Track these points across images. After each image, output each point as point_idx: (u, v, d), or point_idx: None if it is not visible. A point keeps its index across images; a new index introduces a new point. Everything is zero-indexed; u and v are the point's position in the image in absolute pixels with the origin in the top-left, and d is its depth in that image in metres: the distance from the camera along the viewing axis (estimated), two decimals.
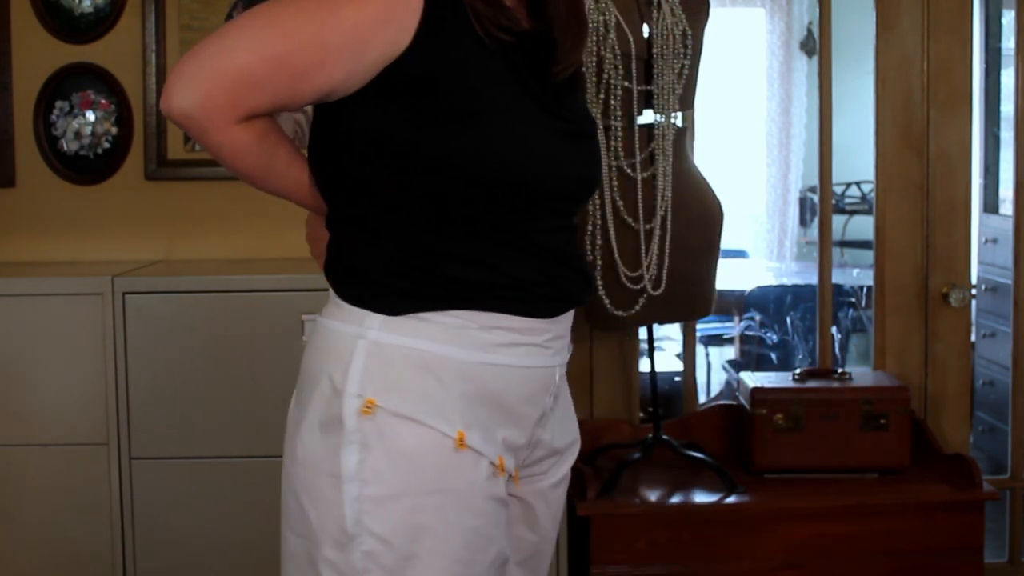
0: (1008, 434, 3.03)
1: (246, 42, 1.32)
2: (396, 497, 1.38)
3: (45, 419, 2.48)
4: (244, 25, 1.33)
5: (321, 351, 1.45)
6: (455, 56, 1.38)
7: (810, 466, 2.66)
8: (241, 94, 1.31)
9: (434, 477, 1.39)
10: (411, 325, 1.40)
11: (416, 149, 1.37)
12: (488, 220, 1.40)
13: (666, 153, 2.46)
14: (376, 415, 1.38)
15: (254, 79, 1.31)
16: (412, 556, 1.39)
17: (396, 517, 1.38)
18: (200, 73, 1.31)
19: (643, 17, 2.47)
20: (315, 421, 1.42)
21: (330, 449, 1.39)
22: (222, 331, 2.47)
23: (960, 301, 2.90)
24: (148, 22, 2.84)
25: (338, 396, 1.40)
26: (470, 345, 1.41)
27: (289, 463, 1.45)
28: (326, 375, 1.42)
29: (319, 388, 1.42)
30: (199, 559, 2.50)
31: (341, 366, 1.40)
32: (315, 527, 1.40)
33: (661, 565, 2.49)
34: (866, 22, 2.92)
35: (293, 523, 1.44)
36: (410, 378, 1.39)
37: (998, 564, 2.99)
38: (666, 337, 4.88)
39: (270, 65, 1.31)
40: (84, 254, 2.88)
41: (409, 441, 1.38)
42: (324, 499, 1.40)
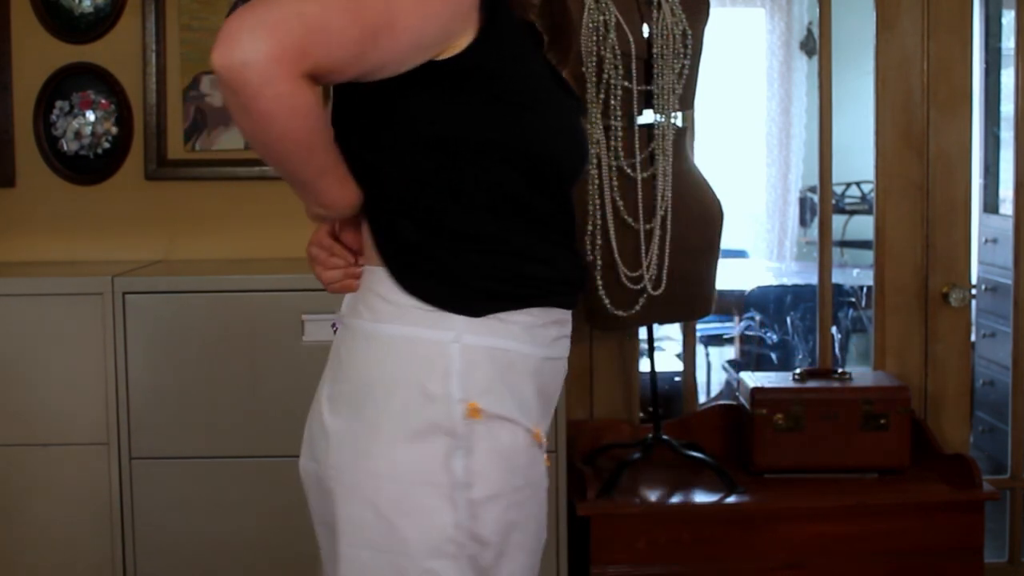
0: (1008, 434, 3.03)
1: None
2: (496, 497, 1.40)
3: (45, 419, 2.48)
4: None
5: (399, 358, 1.40)
6: (510, 45, 1.41)
7: (810, 466, 2.66)
8: (313, 43, 1.22)
9: (523, 473, 1.43)
10: (493, 326, 1.41)
11: (488, 143, 1.38)
12: (542, 213, 1.44)
13: (666, 153, 2.46)
14: (481, 418, 1.39)
15: (327, 29, 1.23)
16: (502, 553, 1.41)
17: (495, 517, 1.40)
18: (270, 19, 1.20)
19: (643, 17, 2.47)
20: (401, 432, 1.38)
21: (430, 458, 1.37)
22: (222, 331, 2.47)
23: (960, 301, 2.90)
24: (148, 22, 2.84)
25: (437, 403, 1.38)
26: (539, 342, 1.45)
27: (362, 478, 1.39)
28: (413, 383, 1.38)
29: (401, 397, 1.38)
30: (199, 559, 2.50)
31: (436, 372, 1.38)
32: (410, 540, 1.38)
33: (661, 565, 2.49)
34: (866, 22, 2.92)
35: (371, 539, 1.39)
36: (499, 378, 1.41)
37: (998, 564, 2.99)
38: (666, 337, 4.88)
39: (343, 17, 1.24)
40: (84, 254, 2.88)
41: (505, 440, 1.41)
42: (423, 510, 1.38)
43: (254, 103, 1.22)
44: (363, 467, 1.39)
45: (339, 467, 1.40)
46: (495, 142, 1.38)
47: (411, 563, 1.38)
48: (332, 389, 1.45)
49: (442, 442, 1.37)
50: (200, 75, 2.86)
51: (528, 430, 1.43)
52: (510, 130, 1.39)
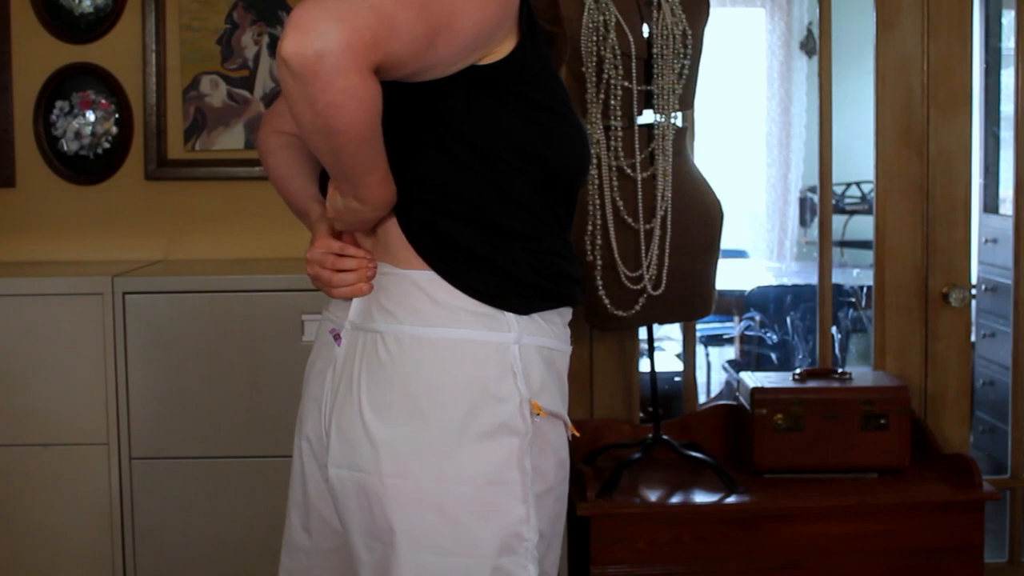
0: (1008, 434, 3.03)
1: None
2: (550, 491, 1.47)
3: (45, 419, 2.48)
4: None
5: (462, 361, 1.40)
6: (541, 53, 1.45)
7: (810, 466, 2.65)
8: (384, 36, 1.22)
9: (566, 466, 1.50)
10: (537, 325, 1.45)
11: (525, 146, 1.41)
12: (561, 216, 1.49)
13: (666, 153, 2.46)
14: (543, 416, 1.43)
15: (397, 22, 1.23)
16: (550, 544, 1.49)
17: (549, 509, 1.46)
18: (344, 9, 1.20)
19: (643, 17, 2.47)
20: (469, 434, 1.39)
21: (502, 457, 1.40)
22: (222, 331, 2.47)
23: (960, 301, 2.90)
24: (148, 22, 2.84)
25: (506, 403, 1.40)
26: (564, 339, 1.51)
27: (426, 482, 1.38)
28: (479, 385, 1.40)
29: (468, 399, 1.39)
30: (199, 559, 2.50)
31: (503, 373, 1.40)
32: (482, 540, 1.39)
33: (661, 565, 2.49)
34: (866, 22, 2.92)
35: (437, 543, 1.39)
36: (547, 376, 1.45)
37: (998, 564, 2.99)
38: (666, 337, 4.88)
39: (411, 12, 1.25)
40: (84, 254, 2.88)
41: (554, 435, 1.46)
42: (495, 509, 1.39)
43: (324, 94, 1.21)
44: (427, 472, 1.38)
45: (396, 474, 1.39)
46: (531, 145, 1.41)
47: (482, 563, 1.39)
48: (377, 397, 1.42)
49: (513, 441, 1.40)
50: (200, 75, 2.86)
51: (566, 424, 1.50)
52: (542, 135, 1.43)
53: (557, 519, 1.50)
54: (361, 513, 1.43)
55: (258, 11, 2.84)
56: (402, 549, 1.39)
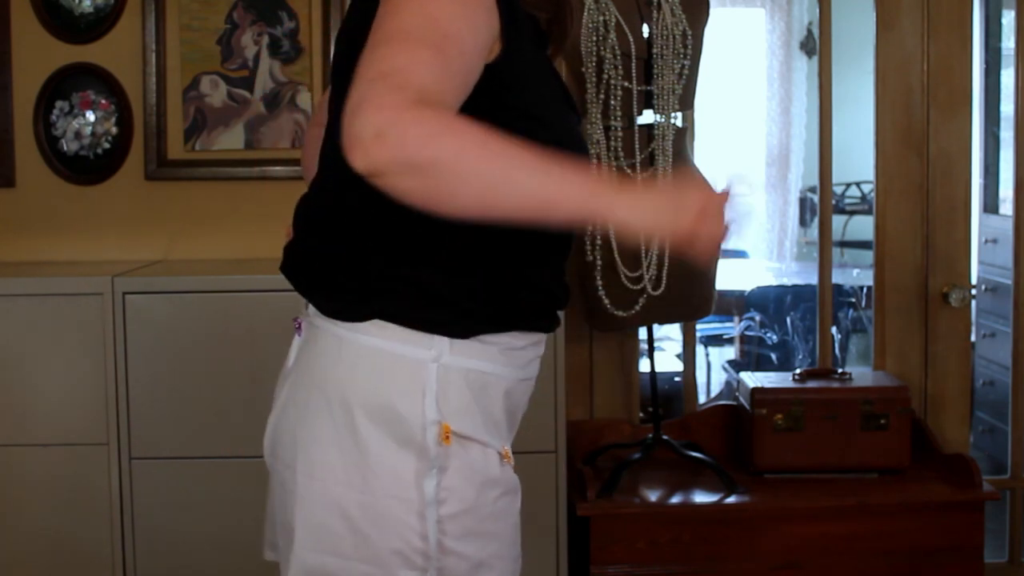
0: (1008, 434, 3.03)
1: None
2: (468, 512, 1.40)
3: (45, 419, 2.48)
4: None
5: (374, 370, 1.37)
6: (529, 51, 1.40)
7: (810, 466, 2.66)
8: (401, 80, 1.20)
9: (496, 487, 1.42)
10: (474, 347, 1.39)
11: None
12: (543, 234, 1.37)
13: (666, 153, 2.46)
14: (452, 440, 1.37)
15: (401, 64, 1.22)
16: (481, 564, 1.41)
17: (469, 530, 1.40)
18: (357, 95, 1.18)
19: (643, 17, 2.47)
20: (373, 443, 1.36)
21: (401, 473, 1.36)
22: (222, 331, 2.47)
23: (960, 301, 2.90)
24: (148, 22, 2.84)
25: (410, 421, 1.36)
26: (515, 364, 1.44)
27: (331, 484, 1.37)
28: (386, 397, 1.36)
29: (374, 409, 1.36)
30: (199, 559, 2.50)
31: (413, 392, 1.36)
32: (381, 549, 1.37)
33: (661, 565, 2.49)
34: (866, 22, 2.92)
35: (338, 546, 1.37)
36: (472, 400, 1.40)
37: (998, 564, 2.99)
38: (666, 337, 4.88)
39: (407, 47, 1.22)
40: (84, 254, 2.88)
41: (477, 459, 1.40)
42: (395, 522, 1.37)
43: (418, 157, 1.15)
44: (331, 474, 1.37)
45: (306, 472, 1.38)
46: None
47: (381, 571, 1.37)
48: (296, 392, 1.43)
49: (413, 460, 1.36)
50: (200, 75, 2.86)
51: (498, 452, 1.43)
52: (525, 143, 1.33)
53: (492, 539, 1.42)
54: (280, 506, 1.45)
55: (258, 11, 2.84)
56: (299, 546, 1.38)
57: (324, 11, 2.84)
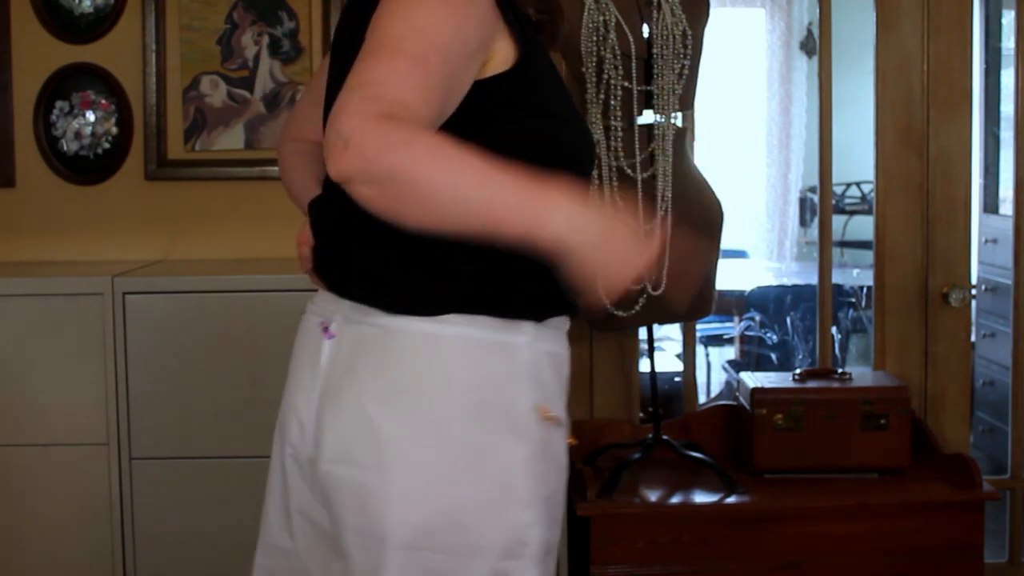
0: (1008, 434, 3.03)
1: None
2: (553, 495, 1.43)
3: (45, 419, 2.48)
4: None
5: (473, 360, 1.38)
6: (540, 52, 1.44)
7: (810, 466, 2.65)
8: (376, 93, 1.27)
9: (565, 472, 1.47)
10: (550, 331, 1.44)
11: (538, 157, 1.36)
12: None
13: (666, 153, 2.46)
14: (549, 424, 1.41)
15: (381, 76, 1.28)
16: (551, 548, 1.44)
17: (551, 514, 1.43)
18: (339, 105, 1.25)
19: (643, 17, 2.47)
20: (479, 435, 1.37)
21: (508, 461, 1.38)
22: (222, 331, 2.47)
23: (960, 301, 2.89)
24: (148, 22, 2.84)
25: (516, 408, 1.38)
26: (567, 346, 1.50)
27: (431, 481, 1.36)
28: (488, 385, 1.37)
29: (476, 400, 1.37)
30: (199, 559, 2.50)
31: (513, 377, 1.39)
32: (485, 542, 1.37)
33: (661, 565, 2.49)
34: (866, 22, 2.92)
35: (442, 543, 1.37)
36: (557, 382, 1.44)
37: (998, 564, 2.99)
38: (666, 337, 4.88)
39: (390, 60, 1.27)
40: (84, 254, 2.88)
41: (558, 440, 1.44)
42: (500, 512, 1.38)
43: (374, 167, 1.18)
44: (434, 469, 1.36)
45: (401, 471, 1.36)
46: (546, 158, 1.37)
47: (482, 564, 1.37)
48: (382, 392, 1.38)
49: (517, 447, 1.38)
50: (200, 75, 2.86)
51: (567, 431, 1.48)
52: (555, 146, 1.41)
53: (558, 523, 1.48)
54: (355, 511, 1.39)
55: (258, 11, 2.84)
56: (398, 548, 1.36)
57: (324, 11, 2.85)
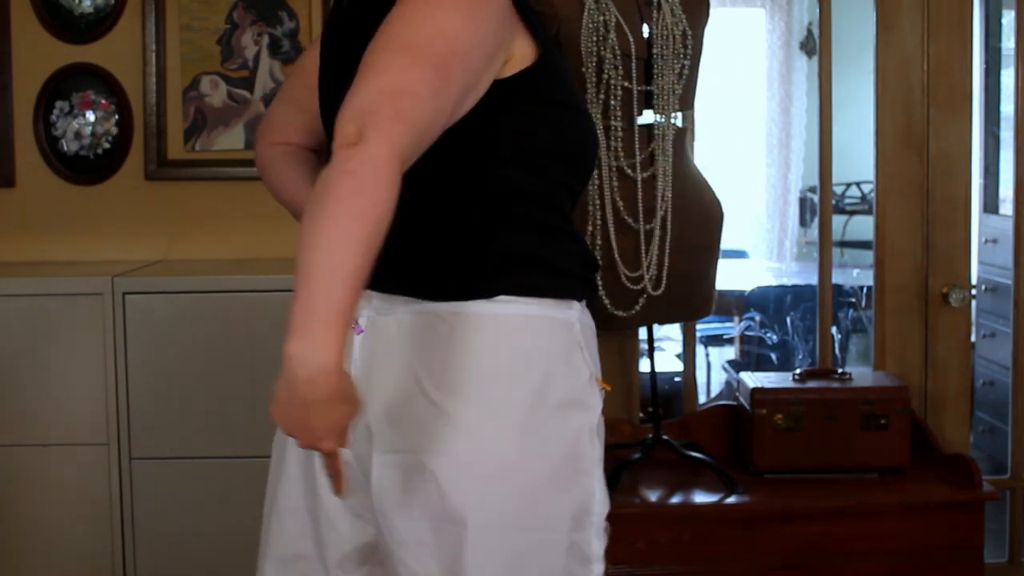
0: (1008, 434, 3.03)
1: None
2: (599, 462, 1.48)
3: (45, 419, 2.48)
4: None
5: (536, 335, 1.41)
6: (551, 45, 1.51)
7: (810, 466, 2.65)
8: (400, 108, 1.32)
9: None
10: (586, 309, 1.51)
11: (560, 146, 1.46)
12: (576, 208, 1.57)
13: (666, 153, 2.46)
14: (601, 393, 1.48)
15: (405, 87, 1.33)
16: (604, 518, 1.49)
17: (603, 482, 1.48)
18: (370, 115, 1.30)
19: (643, 17, 2.47)
20: (546, 407, 1.40)
21: (574, 430, 1.42)
22: (222, 331, 2.47)
23: (960, 301, 2.89)
24: (148, 22, 2.84)
25: (576, 375, 1.43)
26: None
27: (500, 458, 1.37)
28: (550, 356, 1.41)
29: (541, 373, 1.40)
30: (199, 559, 2.50)
31: (573, 350, 1.44)
32: (558, 515, 1.40)
33: (661, 565, 2.49)
34: (866, 22, 2.92)
35: (519, 520, 1.38)
36: (596, 353, 1.51)
37: (998, 564, 2.99)
38: (666, 337, 4.88)
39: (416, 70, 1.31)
40: (84, 254, 2.88)
41: (599, 411, 1.50)
42: (570, 483, 1.41)
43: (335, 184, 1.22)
44: (506, 446, 1.38)
45: (473, 450, 1.37)
46: (562, 146, 1.46)
47: (558, 537, 1.40)
48: (444, 375, 1.39)
49: (585, 415, 1.43)
50: (200, 75, 2.86)
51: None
52: (569, 134, 1.48)
53: (606, 494, 1.51)
54: (425, 495, 1.38)
55: (258, 11, 2.84)
56: (478, 527, 1.36)
57: (324, 11, 2.85)
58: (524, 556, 1.39)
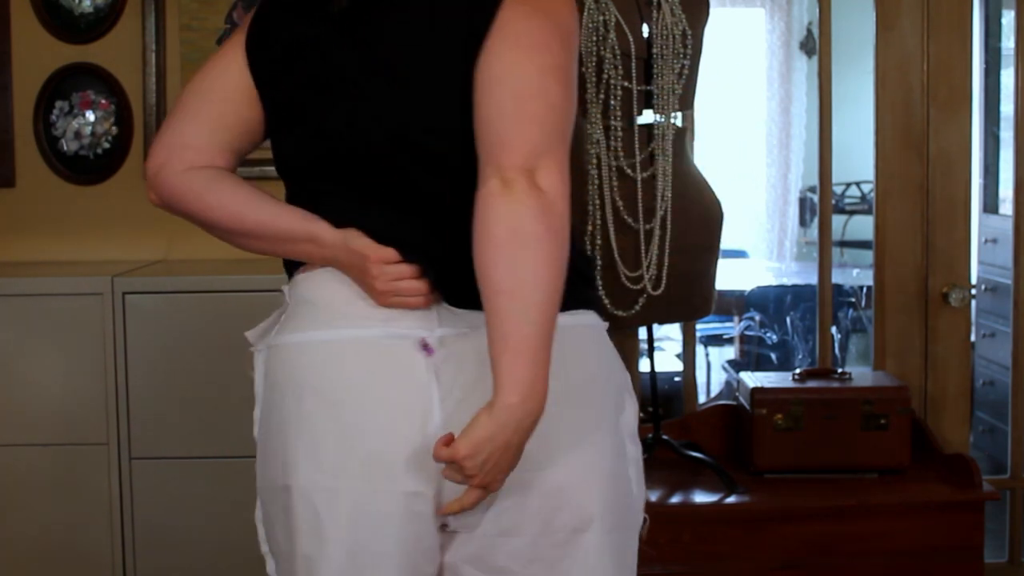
0: (1008, 434, 3.03)
1: None
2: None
3: (45, 419, 2.48)
4: None
5: (597, 341, 1.48)
6: None
7: (810, 466, 2.65)
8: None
9: None
10: None
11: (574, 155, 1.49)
12: None
13: (666, 153, 2.46)
14: None
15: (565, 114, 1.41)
16: None
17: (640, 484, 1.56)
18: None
19: (643, 17, 2.47)
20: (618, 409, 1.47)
21: (634, 430, 1.50)
22: (222, 331, 2.47)
23: (960, 301, 2.89)
24: (148, 22, 2.84)
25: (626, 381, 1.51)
26: None
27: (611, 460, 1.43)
28: (612, 360, 1.49)
29: (611, 375, 1.47)
30: (199, 559, 2.50)
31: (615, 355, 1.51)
32: (637, 510, 1.49)
33: (661, 565, 2.49)
34: (866, 22, 2.92)
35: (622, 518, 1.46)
36: None
37: (998, 564, 2.99)
38: (666, 337, 4.88)
39: (568, 99, 1.42)
40: (84, 254, 2.88)
41: None
42: (636, 479, 1.49)
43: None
44: (607, 450, 1.42)
45: (582, 460, 1.40)
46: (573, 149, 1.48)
47: (637, 535, 1.47)
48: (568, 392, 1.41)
49: (633, 414, 1.49)
50: None
51: None
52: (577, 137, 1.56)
53: None
54: (539, 511, 1.39)
55: None
56: (598, 533, 1.40)
57: None
58: (626, 555, 1.46)
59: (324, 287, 1.46)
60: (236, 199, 1.54)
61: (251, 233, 1.56)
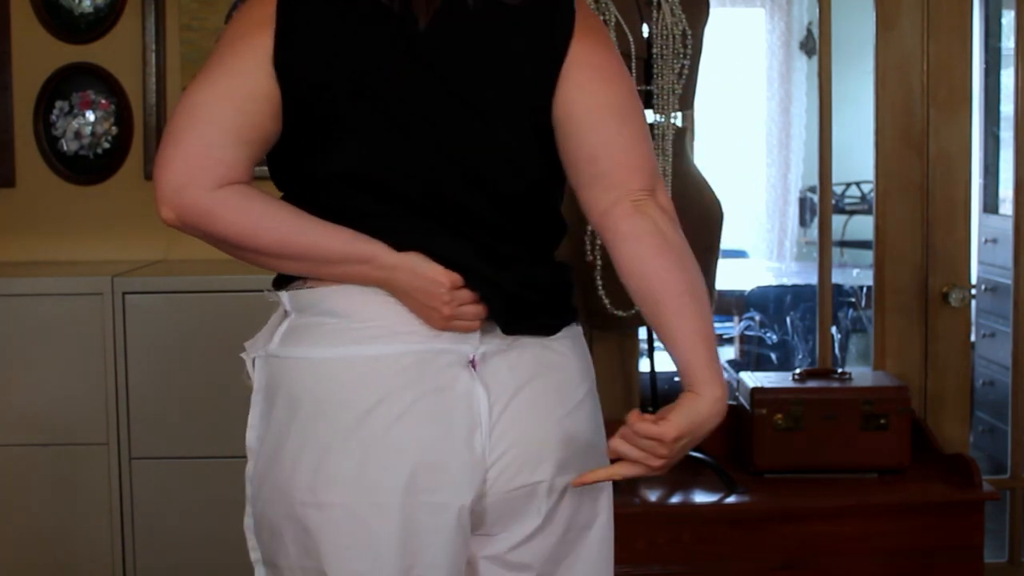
0: (1008, 434, 3.03)
1: None
2: None
3: (45, 419, 2.48)
4: None
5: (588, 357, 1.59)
6: None
7: (810, 466, 2.65)
8: None
9: None
10: None
11: None
12: None
13: (666, 153, 2.46)
14: None
15: None
16: None
17: None
18: None
19: (643, 17, 2.47)
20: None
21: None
22: (222, 331, 2.47)
23: (960, 301, 2.90)
24: (148, 22, 2.84)
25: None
26: None
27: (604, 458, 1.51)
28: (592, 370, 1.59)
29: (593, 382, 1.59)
30: (199, 559, 2.50)
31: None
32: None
33: (661, 565, 2.49)
34: (866, 22, 2.92)
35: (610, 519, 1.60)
36: None
37: (998, 564, 2.99)
38: None
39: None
40: (84, 254, 2.88)
41: None
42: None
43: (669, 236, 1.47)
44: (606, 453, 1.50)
45: (599, 463, 1.53)
46: None
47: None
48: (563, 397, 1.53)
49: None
50: None
51: None
52: None
53: None
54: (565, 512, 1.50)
55: None
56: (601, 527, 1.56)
57: None
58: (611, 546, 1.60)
59: (368, 304, 1.41)
60: (278, 221, 1.42)
61: (294, 256, 1.46)
